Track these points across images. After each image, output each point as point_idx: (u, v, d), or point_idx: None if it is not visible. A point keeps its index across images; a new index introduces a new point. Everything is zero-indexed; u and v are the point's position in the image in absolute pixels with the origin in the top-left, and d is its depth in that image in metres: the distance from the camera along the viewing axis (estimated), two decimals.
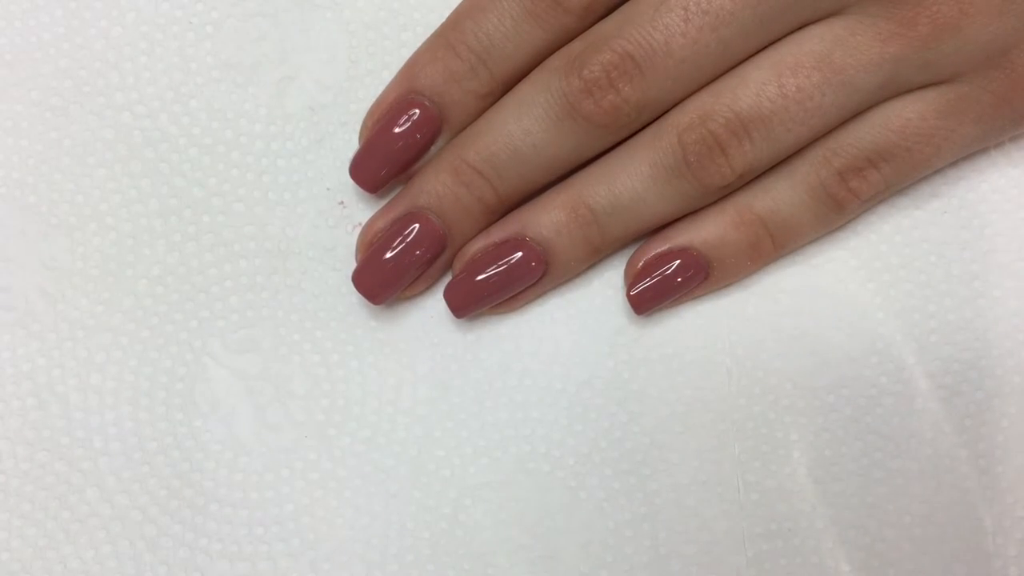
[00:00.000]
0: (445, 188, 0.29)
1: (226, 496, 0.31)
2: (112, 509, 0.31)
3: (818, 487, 0.30)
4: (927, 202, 0.31)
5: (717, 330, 0.31)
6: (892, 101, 0.28)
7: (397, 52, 0.31)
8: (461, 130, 0.29)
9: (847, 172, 0.28)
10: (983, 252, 0.31)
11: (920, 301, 0.31)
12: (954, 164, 0.31)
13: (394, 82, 0.29)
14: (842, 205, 0.29)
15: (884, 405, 0.30)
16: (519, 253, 0.29)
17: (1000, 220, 0.31)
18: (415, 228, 0.29)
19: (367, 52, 0.31)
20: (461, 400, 0.31)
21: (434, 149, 0.29)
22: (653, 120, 0.28)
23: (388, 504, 0.30)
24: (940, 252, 0.31)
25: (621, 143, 0.29)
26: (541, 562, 0.30)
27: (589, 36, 0.28)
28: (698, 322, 0.30)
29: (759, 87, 0.27)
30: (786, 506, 0.30)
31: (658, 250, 0.29)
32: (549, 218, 0.29)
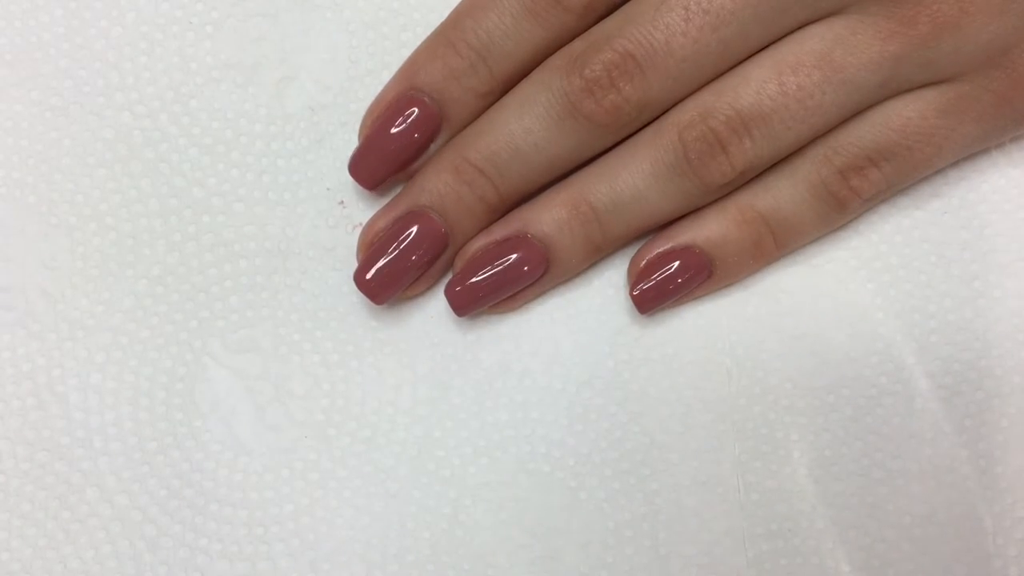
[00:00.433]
0: (447, 187, 0.29)
1: (226, 496, 0.31)
2: (112, 509, 0.31)
3: (818, 487, 0.30)
4: (927, 202, 0.31)
5: (717, 330, 0.31)
6: (893, 100, 0.28)
7: (397, 52, 0.31)
8: (461, 128, 0.29)
9: (848, 171, 0.28)
10: (983, 252, 0.30)
11: (920, 301, 0.30)
12: (954, 164, 0.31)
13: (394, 79, 0.29)
14: (843, 204, 0.29)
15: (884, 405, 0.30)
16: (520, 251, 0.29)
17: (1000, 220, 0.31)
18: (416, 227, 0.29)
19: (367, 52, 0.31)
20: (461, 400, 0.31)
21: (433, 147, 0.29)
22: (654, 119, 0.28)
23: (388, 504, 0.30)
24: (940, 252, 0.31)
25: (622, 142, 0.29)
26: (541, 562, 0.30)
27: (590, 35, 0.28)
28: (698, 322, 0.30)
29: (760, 85, 0.27)
30: (786, 506, 0.30)
31: (660, 249, 0.29)
32: (550, 216, 0.29)
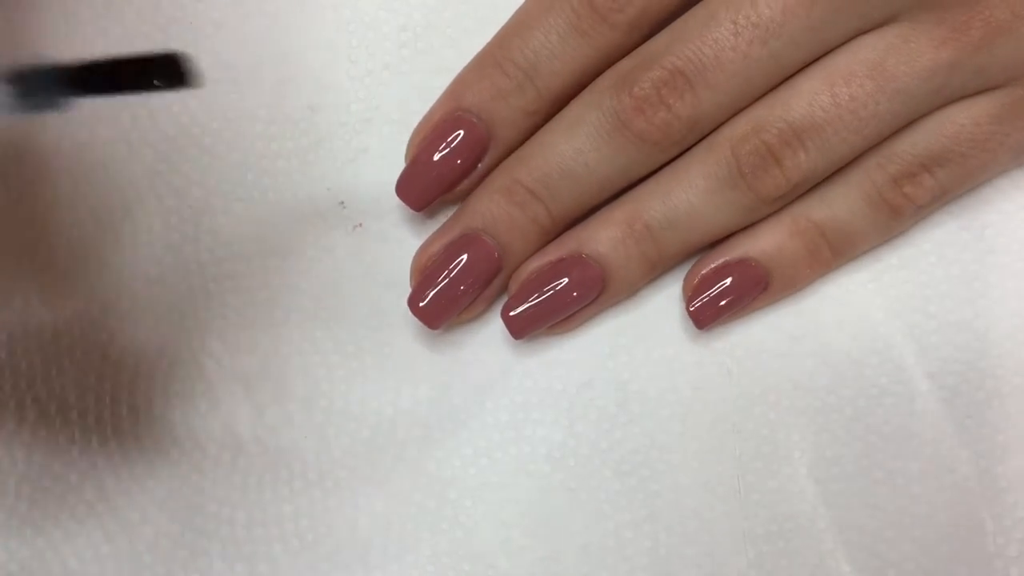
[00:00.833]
0: (499, 209, 0.28)
1: (225, 496, 0.30)
2: (112, 509, 0.31)
3: (818, 487, 0.30)
4: None
5: (717, 331, 0.31)
6: (946, 108, 0.27)
7: (397, 52, 0.31)
8: (508, 148, 0.29)
9: (901, 178, 0.28)
10: (983, 252, 0.31)
11: (920, 301, 0.31)
12: None
13: (441, 100, 0.29)
14: (898, 211, 0.28)
15: (884, 405, 0.30)
16: (576, 272, 0.29)
17: (1000, 220, 0.31)
18: (469, 251, 0.29)
19: (367, 52, 0.31)
20: (461, 401, 0.31)
21: (481, 167, 0.29)
22: (705, 135, 0.28)
23: (388, 504, 0.30)
24: (940, 252, 0.31)
25: (674, 160, 0.28)
26: (541, 563, 0.30)
27: (639, 54, 0.27)
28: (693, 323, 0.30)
29: (812, 97, 0.27)
30: (787, 506, 0.30)
31: (715, 264, 0.29)
32: (605, 235, 0.29)
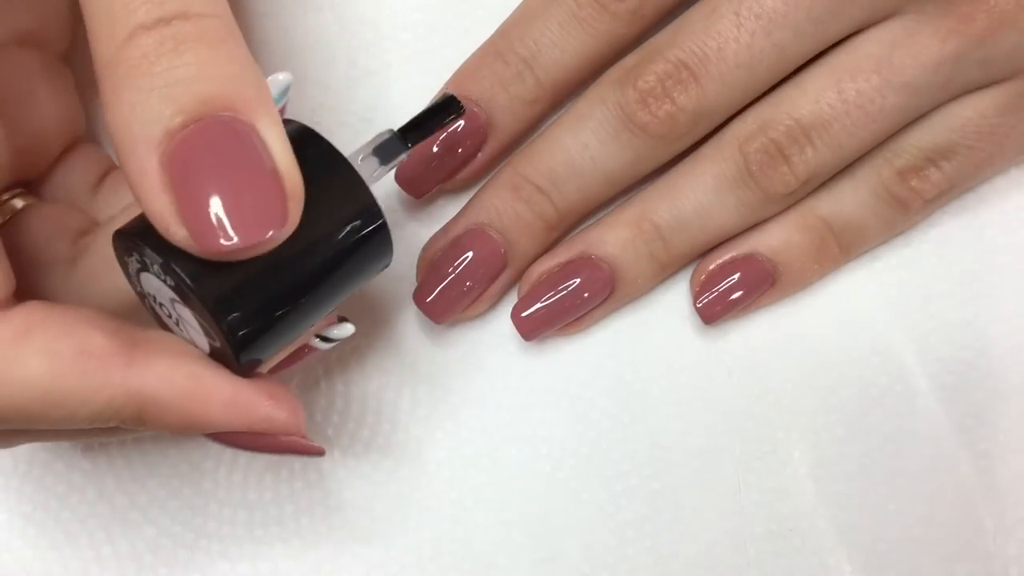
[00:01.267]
0: (505, 204, 0.28)
1: (226, 496, 0.31)
2: (112, 509, 0.31)
3: (818, 487, 0.30)
4: None
5: (717, 330, 0.31)
6: (952, 102, 0.27)
7: (397, 52, 0.31)
8: (509, 136, 0.29)
9: (908, 172, 0.28)
10: (984, 252, 0.31)
11: (920, 301, 0.31)
12: None
13: (443, 89, 0.29)
14: (905, 205, 0.28)
15: (884, 405, 0.30)
16: (585, 273, 0.29)
17: (1001, 220, 0.31)
18: (475, 246, 0.28)
19: (367, 52, 0.31)
20: (462, 401, 0.31)
21: (482, 156, 0.29)
22: (711, 130, 0.28)
23: (389, 505, 0.30)
24: (940, 252, 0.31)
25: (681, 158, 0.29)
26: (542, 563, 0.30)
27: (643, 49, 0.27)
28: (698, 322, 0.30)
29: (818, 93, 0.27)
30: (787, 506, 0.30)
31: (722, 259, 0.29)
32: (614, 236, 0.29)
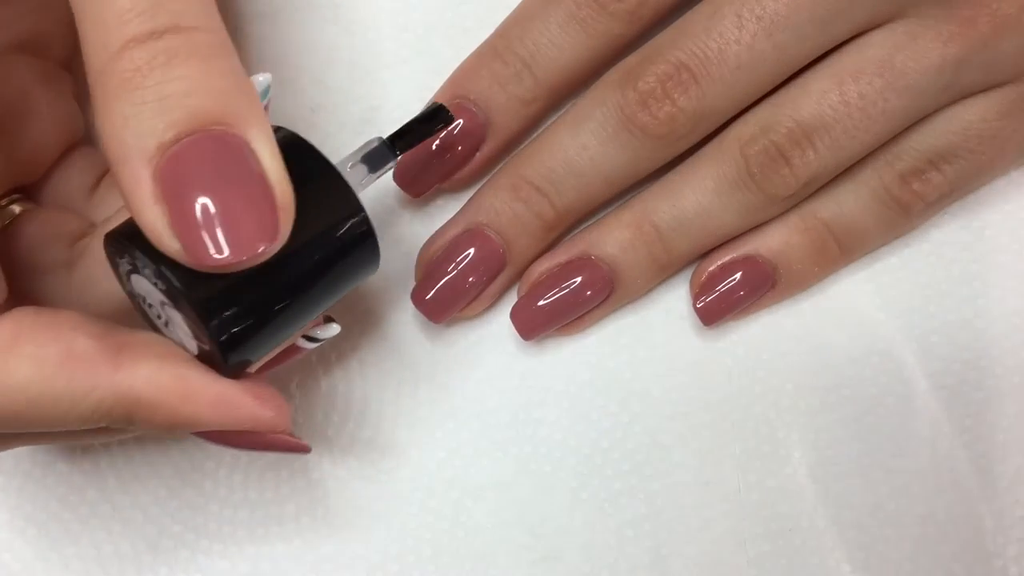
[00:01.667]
0: (503, 204, 0.28)
1: (227, 496, 0.31)
2: (113, 509, 0.31)
3: (818, 487, 0.30)
4: None
5: (717, 330, 0.31)
6: (955, 105, 0.27)
7: (397, 53, 0.31)
8: (507, 136, 0.29)
9: (909, 175, 0.28)
10: (983, 252, 0.31)
11: (920, 301, 0.31)
12: None
13: (442, 89, 0.29)
14: (906, 208, 0.28)
15: (884, 405, 0.30)
16: (585, 273, 0.29)
17: (1000, 220, 0.31)
18: (474, 246, 0.29)
19: (367, 52, 0.31)
20: (462, 400, 0.31)
21: (479, 156, 0.29)
22: (712, 132, 0.28)
23: (389, 504, 0.30)
24: (940, 252, 0.31)
25: (681, 158, 0.28)
26: (543, 562, 0.30)
27: (644, 50, 0.27)
28: (698, 322, 0.30)
29: (820, 95, 0.27)
30: (786, 506, 0.30)
31: (722, 260, 0.29)
32: (614, 237, 0.29)
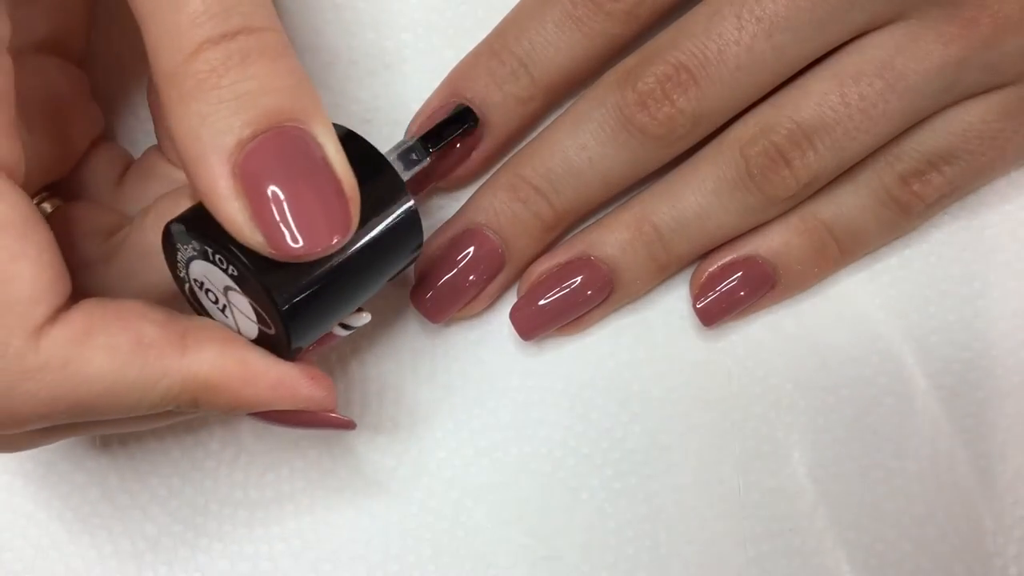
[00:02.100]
0: (502, 204, 0.28)
1: (227, 495, 0.31)
2: (113, 508, 0.31)
3: (818, 487, 0.30)
4: None
5: (717, 330, 0.31)
6: (955, 106, 0.27)
7: (397, 53, 0.30)
8: (503, 135, 0.29)
9: (910, 176, 0.28)
10: (983, 252, 0.31)
11: (920, 301, 0.31)
12: None
13: (439, 87, 0.29)
14: (906, 209, 0.28)
15: (884, 405, 0.30)
16: (584, 274, 0.29)
17: (1000, 220, 0.31)
18: (473, 246, 0.29)
19: (367, 53, 0.31)
20: (462, 401, 0.31)
21: (476, 155, 0.29)
22: (711, 132, 0.28)
23: (389, 504, 0.30)
24: (940, 252, 0.31)
25: (681, 159, 0.28)
26: (542, 562, 0.30)
27: (643, 50, 0.27)
28: (698, 322, 0.30)
29: (821, 97, 0.27)
30: (786, 506, 0.30)
31: (722, 261, 0.29)
32: (613, 237, 0.29)
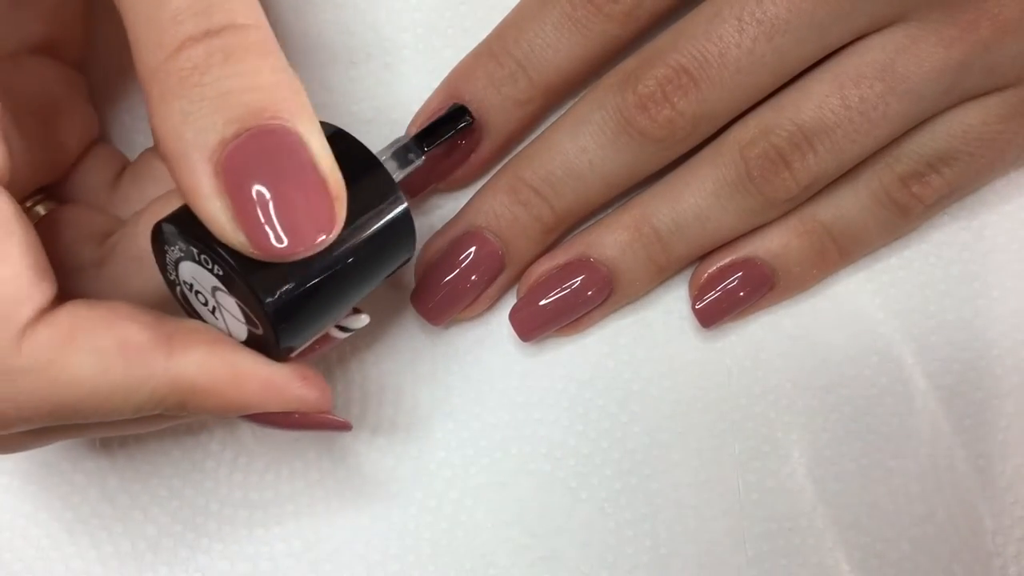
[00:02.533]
0: (502, 207, 0.29)
1: (227, 496, 0.31)
2: (114, 509, 0.31)
3: (818, 487, 0.30)
4: None
5: (717, 330, 0.31)
6: (955, 108, 0.27)
7: (397, 53, 0.31)
8: (502, 137, 0.29)
9: (909, 177, 0.28)
10: (983, 252, 0.31)
11: (920, 301, 0.31)
12: None
13: (437, 89, 0.29)
14: (906, 210, 0.28)
15: (884, 405, 0.30)
16: (584, 275, 0.29)
17: (1000, 220, 0.31)
18: (473, 248, 0.29)
19: (367, 53, 0.31)
20: (462, 400, 0.31)
21: (475, 157, 0.29)
22: (711, 134, 0.28)
23: (389, 504, 0.30)
24: (940, 252, 0.31)
25: (681, 160, 0.28)
26: (542, 562, 0.30)
27: (643, 52, 0.27)
28: (698, 322, 0.30)
29: (821, 99, 0.27)
30: (786, 506, 0.30)
31: (721, 262, 0.29)
32: (613, 239, 0.29)
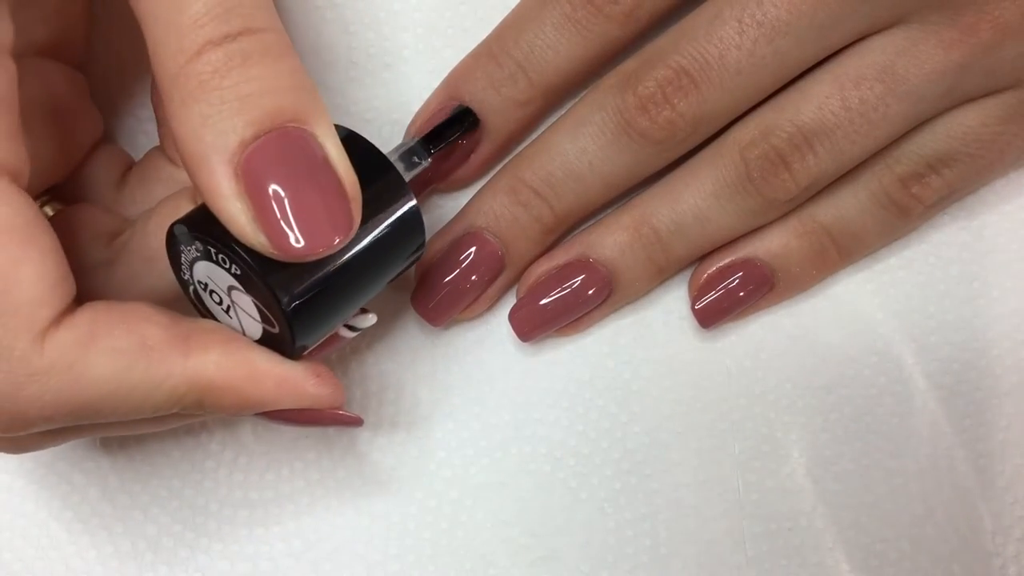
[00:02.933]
0: (502, 208, 0.29)
1: (226, 496, 0.31)
2: (114, 508, 0.31)
3: (818, 487, 0.30)
4: None
5: (717, 330, 0.31)
6: (955, 110, 0.27)
7: (397, 53, 0.31)
8: (502, 138, 0.29)
9: (909, 178, 0.28)
10: (982, 252, 0.31)
11: (919, 301, 0.31)
12: None
13: (437, 90, 0.29)
14: (906, 211, 0.29)
15: (884, 405, 0.30)
16: (583, 275, 0.29)
17: (999, 220, 0.31)
18: (473, 249, 0.29)
19: (367, 53, 0.31)
20: (462, 400, 0.31)
21: (475, 157, 0.29)
22: (711, 135, 0.28)
23: (389, 504, 0.30)
24: (939, 252, 0.31)
25: (681, 161, 0.29)
26: (542, 562, 0.30)
27: (644, 53, 0.27)
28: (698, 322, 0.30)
29: (822, 100, 0.27)
30: (786, 506, 0.30)
31: (721, 263, 0.29)
32: (613, 239, 0.29)
